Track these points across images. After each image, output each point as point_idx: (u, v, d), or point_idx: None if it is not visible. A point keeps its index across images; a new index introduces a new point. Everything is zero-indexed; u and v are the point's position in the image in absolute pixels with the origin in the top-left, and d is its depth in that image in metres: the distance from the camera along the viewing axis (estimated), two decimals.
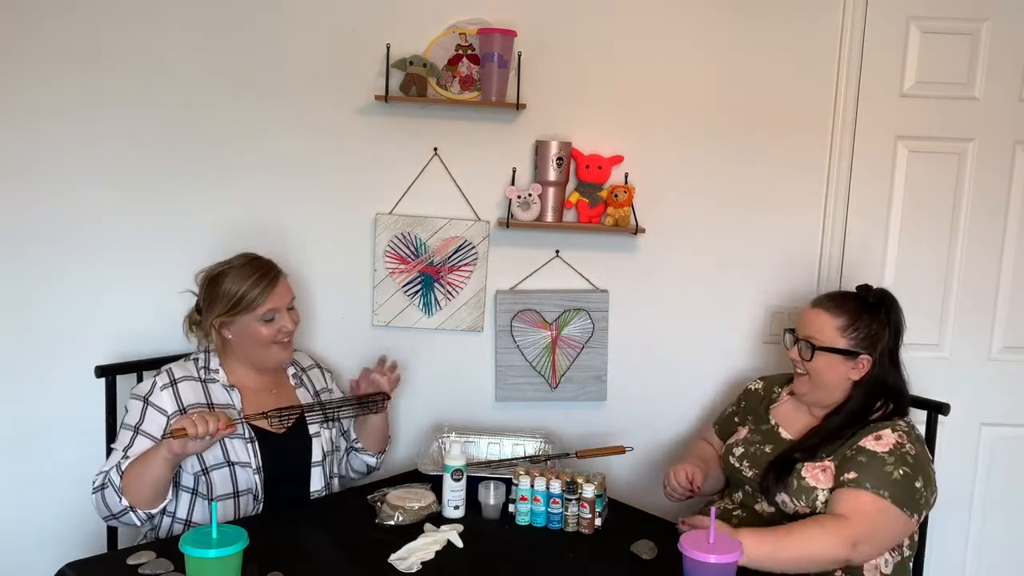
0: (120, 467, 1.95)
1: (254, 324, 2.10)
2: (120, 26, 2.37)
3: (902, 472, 1.90)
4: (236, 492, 2.07)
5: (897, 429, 1.99)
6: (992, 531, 2.67)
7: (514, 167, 2.50)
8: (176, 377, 2.10)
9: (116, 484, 1.93)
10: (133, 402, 2.07)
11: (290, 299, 2.17)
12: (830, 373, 2.05)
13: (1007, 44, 2.51)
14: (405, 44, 2.41)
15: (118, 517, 1.97)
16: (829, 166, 2.57)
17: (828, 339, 2.04)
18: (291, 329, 2.15)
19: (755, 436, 2.18)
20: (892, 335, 2.06)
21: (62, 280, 2.42)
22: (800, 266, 2.61)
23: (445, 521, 2.03)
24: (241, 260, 2.15)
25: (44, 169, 2.39)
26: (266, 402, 2.15)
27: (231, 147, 2.45)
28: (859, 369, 2.04)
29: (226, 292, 2.09)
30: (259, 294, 2.09)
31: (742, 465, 2.14)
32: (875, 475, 1.90)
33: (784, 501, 2.00)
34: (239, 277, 2.10)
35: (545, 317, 2.57)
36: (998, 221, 2.58)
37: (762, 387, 2.31)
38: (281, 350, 2.15)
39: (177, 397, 2.07)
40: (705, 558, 1.63)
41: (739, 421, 2.30)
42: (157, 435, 2.02)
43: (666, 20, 2.50)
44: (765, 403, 2.25)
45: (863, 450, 1.95)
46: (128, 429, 2.04)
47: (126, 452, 1.99)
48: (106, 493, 1.95)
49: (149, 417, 2.04)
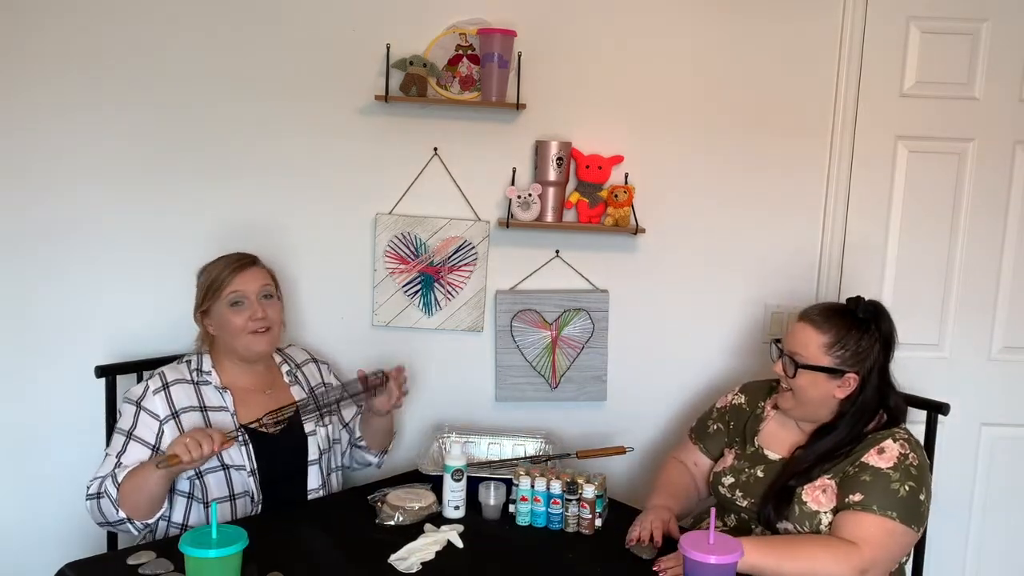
0: (116, 478, 1.95)
1: (225, 311, 2.10)
2: (120, 26, 2.36)
3: (908, 488, 1.83)
4: (232, 495, 2.07)
5: (898, 438, 1.91)
6: (992, 531, 2.67)
7: (514, 167, 2.50)
8: (168, 380, 2.09)
9: (112, 496, 1.93)
10: (126, 406, 2.07)
11: (260, 285, 2.13)
12: (813, 391, 1.96)
13: (1007, 44, 2.51)
14: (405, 44, 2.41)
15: (114, 526, 1.97)
16: (829, 166, 2.57)
17: (812, 356, 1.94)
18: (262, 317, 2.11)
19: (742, 463, 2.09)
20: (883, 351, 1.96)
21: (62, 280, 2.42)
22: (800, 266, 2.61)
23: (445, 521, 2.03)
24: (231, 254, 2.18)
25: (44, 169, 2.39)
26: (259, 403, 2.15)
27: (231, 147, 2.45)
28: (845, 387, 1.95)
29: (202, 282, 2.14)
30: (226, 276, 2.10)
31: (735, 495, 2.05)
32: (882, 495, 1.83)
33: (787, 529, 1.93)
34: (212, 266, 2.14)
35: (545, 317, 2.57)
36: (998, 221, 2.58)
37: (746, 401, 2.20)
38: (256, 339, 2.11)
39: (170, 400, 2.06)
40: (705, 559, 1.63)
41: (728, 442, 2.19)
42: (150, 440, 2.02)
43: (666, 20, 2.50)
44: (751, 422, 2.15)
45: (867, 467, 1.87)
46: (121, 434, 2.04)
47: (119, 459, 2.00)
48: (102, 503, 1.95)
49: (142, 422, 2.04)
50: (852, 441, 1.94)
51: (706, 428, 2.26)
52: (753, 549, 1.77)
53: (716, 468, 2.16)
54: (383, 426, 2.28)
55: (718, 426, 2.24)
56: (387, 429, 2.32)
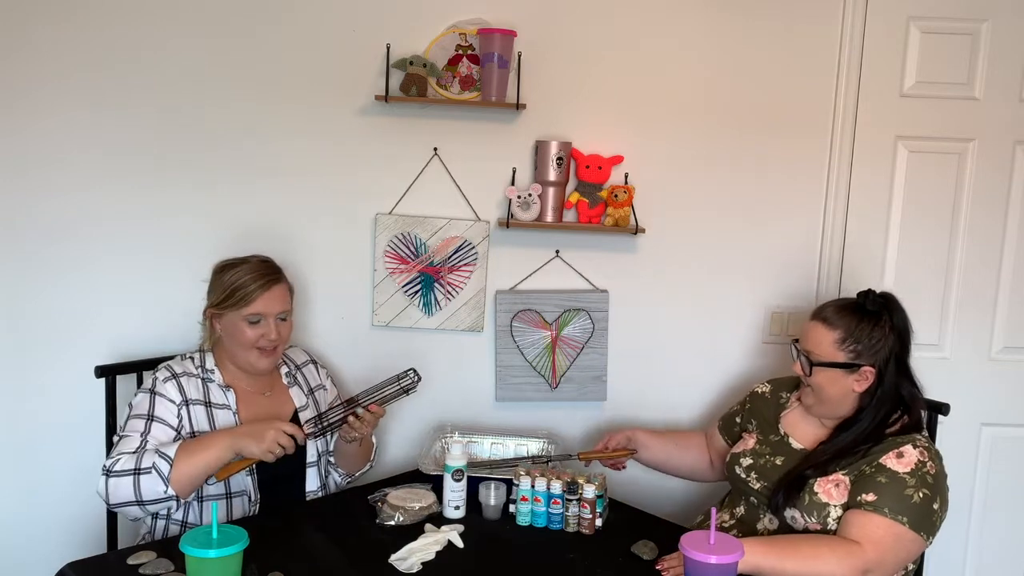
0: (164, 453, 1.90)
1: (239, 323, 2.08)
2: (120, 27, 2.36)
3: (922, 495, 1.82)
4: (229, 494, 2.07)
5: (918, 445, 1.90)
6: (992, 531, 2.67)
7: (514, 167, 2.50)
8: (177, 372, 2.09)
9: (164, 472, 1.88)
10: (139, 395, 2.06)
11: (282, 309, 2.12)
12: (832, 387, 1.96)
13: (1007, 44, 2.51)
14: (405, 44, 2.41)
15: (145, 504, 1.90)
16: (829, 166, 2.57)
17: (825, 353, 1.95)
18: (275, 339, 2.10)
19: (764, 447, 2.10)
20: (897, 341, 1.95)
21: (62, 280, 2.42)
22: (800, 266, 2.61)
23: (446, 521, 2.03)
24: (256, 259, 2.15)
25: (45, 169, 2.39)
26: (259, 404, 2.15)
27: (231, 147, 2.45)
28: (863, 381, 1.95)
29: (225, 282, 2.10)
30: (252, 291, 2.07)
31: (749, 476, 2.05)
32: (895, 498, 1.82)
33: (794, 517, 1.93)
34: (244, 272, 2.10)
35: (545, 317, 2.57)
36: (998, 221, 2.58)
37: (769, 391, 2.21)
38: (261, 357, 2.11)
39: (181, 389, 2.07)
40: (706, 558, 1.63)
41: (742, 425, 2.22)
42: (172, 422, 2.01)
43: (666, 20, 2.50)
44: (774, 410, 2.15)
45: (884, 469, 1.86)
46: (140, 418, 2.01)
47: (145, 438, 1.97)
48: (143, 479, 1.89)
49: (160, 404, 2.03)
50: (873, 437, 1.93)
51: (728, 413, 2.31)
52: (754, 548, 1.76)
53: (735, 449, 2.17)
54: (351, 450, 2.21)
55: (736, 409, 2.28)
56: (356, 454, 2.25)
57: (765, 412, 2.18)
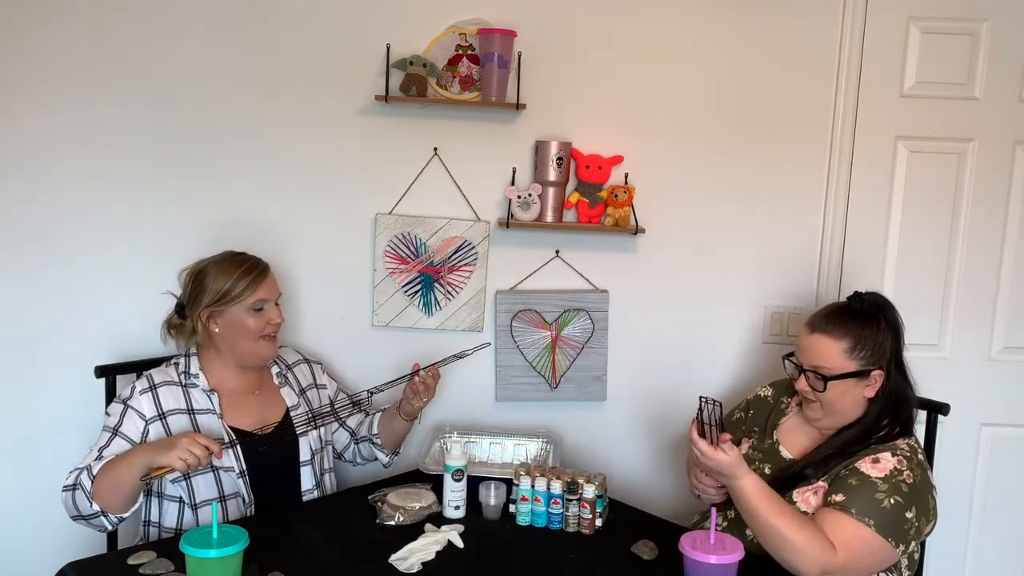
0: (91, 470, 1.93)
1: (243, 314, 2.09)
2: (117, 26, 2.36)
3: (893, 501, 1.80)
4: (222, 496, 2.07)
5: (898, 453, 1.88)
6: (992, 531, 2.67)
7: (514, 167, 2.50)
8: (156, 382, 2.09)
9: (87, 489, 1.91)
10: (114, 406, 2.08)
11: (279, 292, 2.19)
12: (844, 399, 1.93)
13: (1007, 44, 2.51)
14: (405, 44, 2.41)
15: (88, 520, 1.94)
16: (829, 166, 2.57)
17: (838, 365, 1.91)
18: (279, 322, 2.15)
19: (756, 453, 2.09)
20: (894, 339, 1.95)
21: (62, 280, 2.42)
22: (800, 266, 2.61)
23: (446, 521, 2.04)
24: (225, 255, 2.16)
25: (44, 168, 2.39)
26: (248, 404, 2.16)
27: (231, 147, 2.45)
28: (873, 385, 1.93)
29: (214, 283, 2.10)
30: (250, 283, 2.10)
31: None
32: (863, 500, 1.81)
33: None
34: (227, 269, 2.11)
35: (545, 317, 2.57)
36: (998, 221, 2.58)
37: (771, 395, 2.20)
38: (268, 344, 2.14)
39: (157, 402, 2.07)
40: (706, 558, 1.64)
41: (745, 430, 2.20)
42: (135, 438, 2.02)
43: (666, 20, 2.50)
44: (773, 415, 2.14)
45: (856, 472, 1.86)
46: (107, 431, 2.04)
47: (101, 452, 1.99)
48: (76, 495, 1.93)
49: (128, 419, 2.04)
50: (859, 441, 1.92)
51: (731, 416, 2.27)
52: (753, 484, 1.78)
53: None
54: (404, 428, 2.30)
55: (740, 415, 2.25)
56: (405, 432, 2.33)
57: (765, 416, 2.17)
